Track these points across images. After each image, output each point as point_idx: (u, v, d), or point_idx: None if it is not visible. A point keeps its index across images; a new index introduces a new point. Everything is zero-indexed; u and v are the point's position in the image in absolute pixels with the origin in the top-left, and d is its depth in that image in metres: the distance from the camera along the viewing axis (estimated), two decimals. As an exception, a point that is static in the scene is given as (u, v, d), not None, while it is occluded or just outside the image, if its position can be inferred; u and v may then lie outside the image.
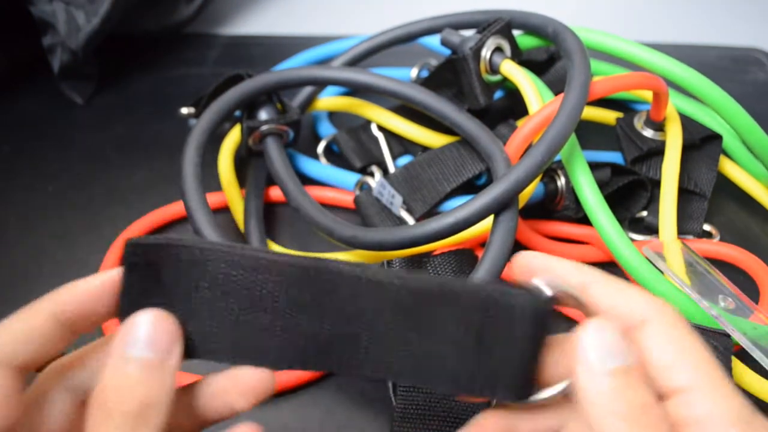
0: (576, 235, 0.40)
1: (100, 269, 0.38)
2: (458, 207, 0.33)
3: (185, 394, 0.22)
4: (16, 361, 0.19)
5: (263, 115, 0.42)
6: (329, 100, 0.48)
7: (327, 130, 0.48)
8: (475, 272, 0.32)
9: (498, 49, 0.40)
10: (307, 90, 0.46)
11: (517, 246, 0.39)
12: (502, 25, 0.40)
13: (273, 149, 0.41)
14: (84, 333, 0.21)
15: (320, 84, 0.44)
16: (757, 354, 0.29)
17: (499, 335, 0.20)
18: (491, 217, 0.33)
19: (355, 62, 0.47)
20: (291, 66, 0.52)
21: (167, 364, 0.20)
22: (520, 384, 0.20)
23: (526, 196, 0.37)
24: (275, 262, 0.21)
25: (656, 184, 0.41)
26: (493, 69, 0.40)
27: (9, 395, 0.19)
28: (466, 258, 0.35)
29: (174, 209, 0.42)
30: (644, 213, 0.42)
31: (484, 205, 0.32)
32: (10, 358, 0.19)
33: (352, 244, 0.34)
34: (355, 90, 0.52)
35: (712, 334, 0.30)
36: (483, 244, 0.38)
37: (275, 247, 0.40)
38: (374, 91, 0.42)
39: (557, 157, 0.36)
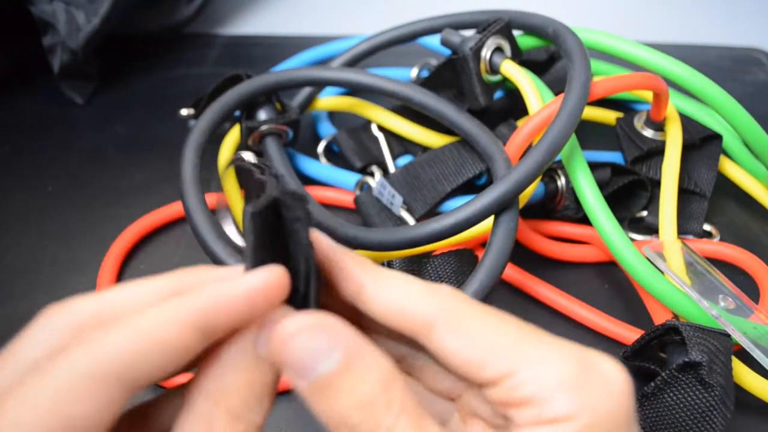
0: (576, 235, 0.40)
1: (101, 269, 0.38)
2: (459, 208, 0.33)
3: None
4: (134, 377, 0.15)
5: (262, 115, 0.42)
6: (329, 100, 0.48)
7: (327, 130, 0.48)
8: (475, 272, 0.32)
9: (498, 49, 0.40)
10: (307, 90, 0.46)
11: (517, 246, 0.39)
12: (502, 25, 0.40)
13: (272, 149, 0.41)
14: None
15: (319, 85, 0.44)
16: (757, 354, 0.29)
17: None
18: (492, 218, 0.33)
19: (354, 62, 0.47)
20: (291, 66, 0.52)
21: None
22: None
23: (526, 196, 0.37)
24: None
25: (656, 184, 0.41)
26: (493, 69, 0.40)
27: (108, 418, 0.15)
28: (466, 258, 0.35)
29: (174, 209, 0.42)
30: (644, 213, 0.42)
31: (485, 205, 0.32)
32: (128, 377, 0.15)
33: (352, 244, 0.34)
34: (354, 90, 0.52)
35: (712, 334, 0.30)
36: (483, 244, 0.38)
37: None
38: (373, 91, 0.41)
39: (557, 157, 0.37)
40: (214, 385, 0.17)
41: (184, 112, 0.45)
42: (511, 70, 0.39)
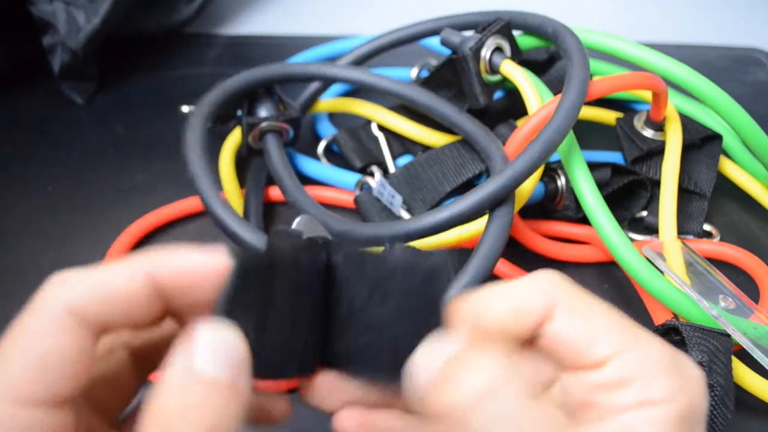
0: (576, 235, 0.40)
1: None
2: (453, 201, 0.33)
3: None
4: (97, 319, 0.17)
5: (263, 112, 0.42)
6: (330, 101, 0.48)
7: (327, 130, 0.48)
8: (466, 266, 0.32)
9: (498, 49, 0.40)
10: (309, 91, 0.46)
11: (517, 246, 0.39)
12: (502, 25, 0.40)
13: (272, 146, 0.41)
14: (172, 316, 0.19)
15: (325, 80, 0.44)
16: (757, 354, 0.29)
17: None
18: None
19: (357, 64, 0.47)
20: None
21: (239, 386, 0.17)
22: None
23: (525, 195, 0.37)
24: None
25: (656, 184, 0.41)
26: (493, 69, 0.40)
27: (84, 358, 0.17)
28: (461, 256, 0.35)
29: (174, 209, 0.42)
30: (644, 213, 0.42)
31: (479, 200, 0.32)
32: (91, 315, 0.17)
33: (346, 238, 0.34)
34: (356, 89, 0.52)
35: (712, 334, 0.30)
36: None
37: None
38: (377, 90, 0.42)
39: (557, 157, 0.37)
40: (160, 412, 0.16)
41: (185, 108, 0.45)
42: (510, 70, 0.39)
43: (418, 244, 0.35)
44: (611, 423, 0.17)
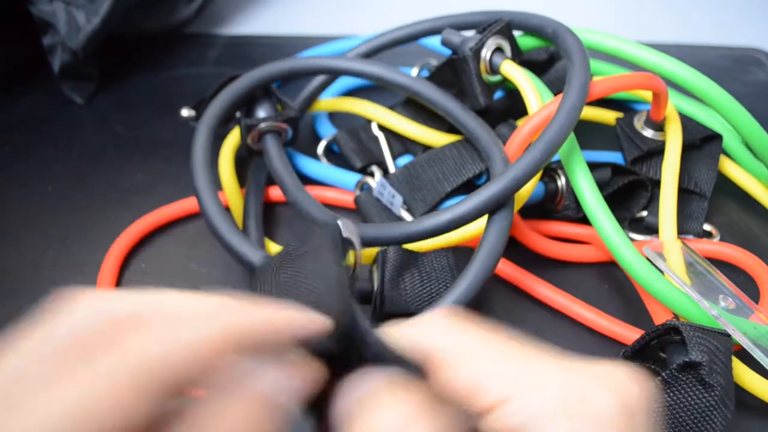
0: (576, 235, 0.40)
1: (101, 269, 0.38)
2: (455, 204, 0.33)
3: None
4: (172, 386, 0.15)
5: (261, 113, 0.42)
6: (329, 100, 0.48)
7: (327, 130, 0.48)
8: (466, 270, 0.32)
9: (498, 50, 0.40)
10: (307, 90, 0.46)
11: (517, 246, 0.39)
12: (503, 25, 0.40)
13: (272, 146, 0.41)
14: None
15: (332, 73, 0.44)
16: (757, 354, 0.29)
17: None
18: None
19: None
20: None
21: None
22: None
23: (525, 195, 0.37)
24: None
25: (656, 184, 0.41)
26: (493, 69, 0.40)
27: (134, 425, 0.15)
28: (462, 254, 0.35)
29: (174, 209, 0.42)
30: (644, 213, 0.42)
31: (481, 202, 0.32)
32: (166, 382, 0.15)
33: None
34: (357, 88, 0.52)
35: (712, 333, 0.30)
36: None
37: (274, 247, 0.40)
38: (384, 82, 0.42)
39: (557, 157, 0.37)
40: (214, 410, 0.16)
41: (184, 112, 0.45)
42: (510, 70, 0.39)
43: (418, 245, 0.35)
44: None
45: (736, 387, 0.30)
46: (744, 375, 0.31)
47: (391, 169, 0.44)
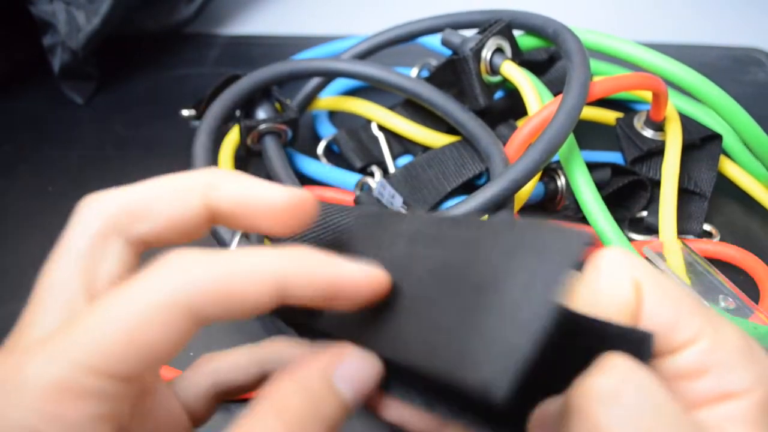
0: (576, 235, 0.40)
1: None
2: (454, 206, 0.33)
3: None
4: (207, 316, 0.16)
5: (261, 114, 0.42)
6: (329, 99, 0.48)
7: (327, 130, 0.48)
8: None
9: (498, 50, 0.40)
10: (307, 89, 0.46)
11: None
12: (503, 25, 0.40)
13: (271, 148, 0.41)
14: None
15: (330, 75, 0.44)
16: (757, 354, 0.29)
17: None
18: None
19: (355, 62, 0.47)
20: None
21: (352, 412, 0.17)
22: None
23: (524, 196, 0.37)
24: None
25: (656, 184, 0.41)
26: (494, 70, 0.40)
27: (172, 350, 0.16)
28: None
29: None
30: (644, 213, 0.42)
31: (481, 203, 0.32)
32: (202, 312, 0.16)
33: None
34: (356, 88, 0.52)
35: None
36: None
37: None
38: (383, 84, 0.42)
39: (556, 158, 0.37)
40: (282, 400, 0.17)
41: (185, 112, 0.45)
42: (511, 71, 0.39)
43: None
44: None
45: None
46: (744, 375, 0.31)
47: (391, 169, 0.44)
